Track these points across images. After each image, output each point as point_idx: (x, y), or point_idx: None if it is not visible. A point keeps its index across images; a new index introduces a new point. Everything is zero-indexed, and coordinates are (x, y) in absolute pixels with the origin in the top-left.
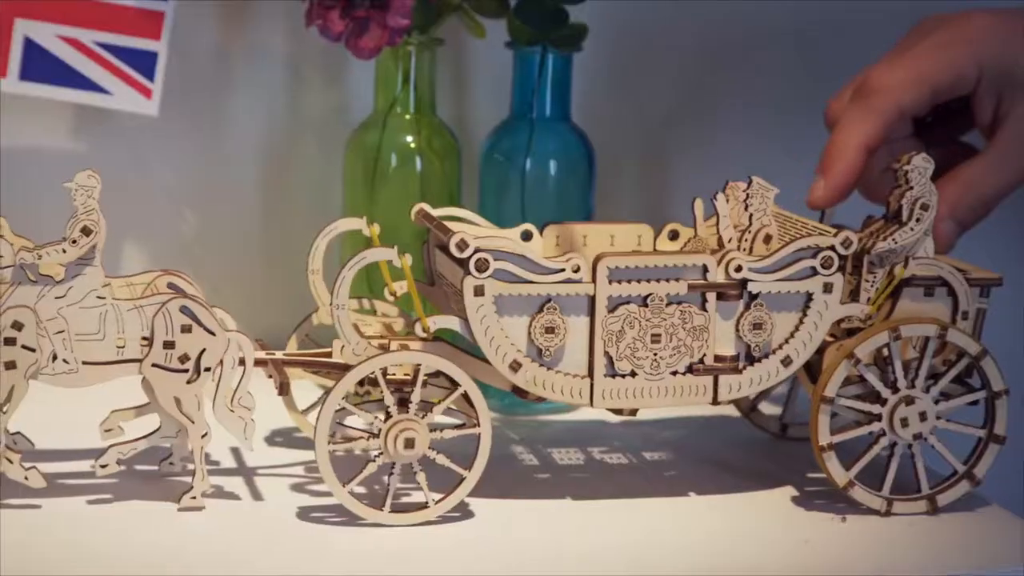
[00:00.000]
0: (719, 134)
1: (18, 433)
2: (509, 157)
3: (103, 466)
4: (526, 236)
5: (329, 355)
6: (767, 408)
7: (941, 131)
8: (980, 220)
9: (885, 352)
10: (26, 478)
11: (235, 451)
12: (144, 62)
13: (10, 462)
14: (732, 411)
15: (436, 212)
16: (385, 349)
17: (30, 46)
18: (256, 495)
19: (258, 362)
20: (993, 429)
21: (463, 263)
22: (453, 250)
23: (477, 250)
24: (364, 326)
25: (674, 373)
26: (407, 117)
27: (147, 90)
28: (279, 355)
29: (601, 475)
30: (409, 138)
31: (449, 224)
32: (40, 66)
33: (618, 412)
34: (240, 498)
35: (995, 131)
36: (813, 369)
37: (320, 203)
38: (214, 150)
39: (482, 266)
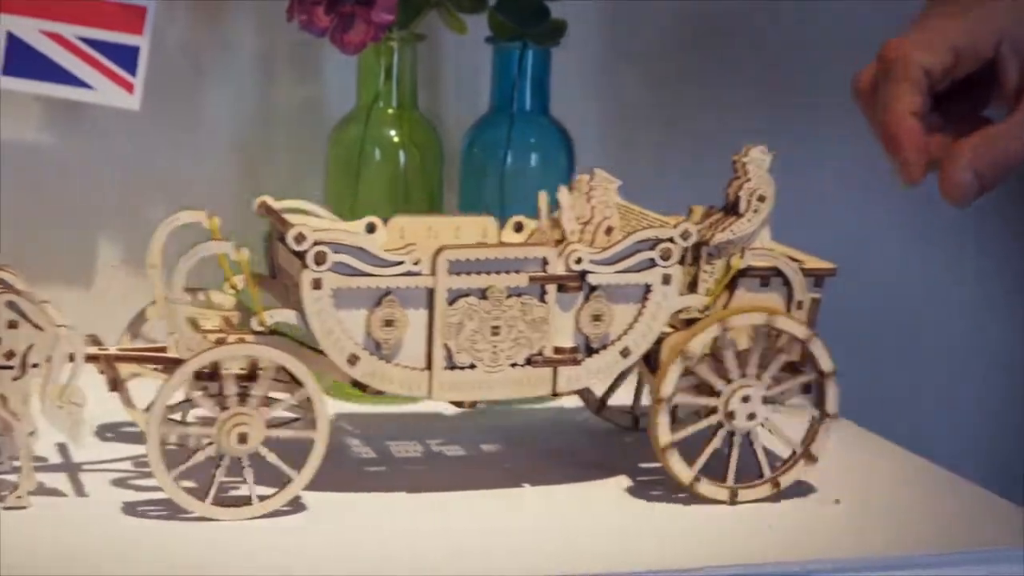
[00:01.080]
0: (698, 128)
1: None
2: (489, 150)
3: None
4: (371, 228)
5: (164, 350)
6: (616, 401)
7: (963, 106)
8: (1000, 180)
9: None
10: None
11: (63, 448)
12: (126, 57)
13: None
14: (578, 401)
15: (277, 204)
16: (221, 343)
17: (12, 41)
18: (81, 492)
19: (90, 358)
20: (824, 408)
21: (301, 256)
22: (290, 243)
23: (315, 243)
24: (203, 320)
25: (513, 365)
26: (389, 112)
27: (129, 85)
28: (111, 350)
29: (437, 468)
30: (392, 132)
31: (291, 217)
32: (22, 61)
33: (458, 404)
34: (66, 495)
35: (1022, 94)
36: (652, 360)
37: (297, 197)
38: (188, 145)
39: (320, 259)
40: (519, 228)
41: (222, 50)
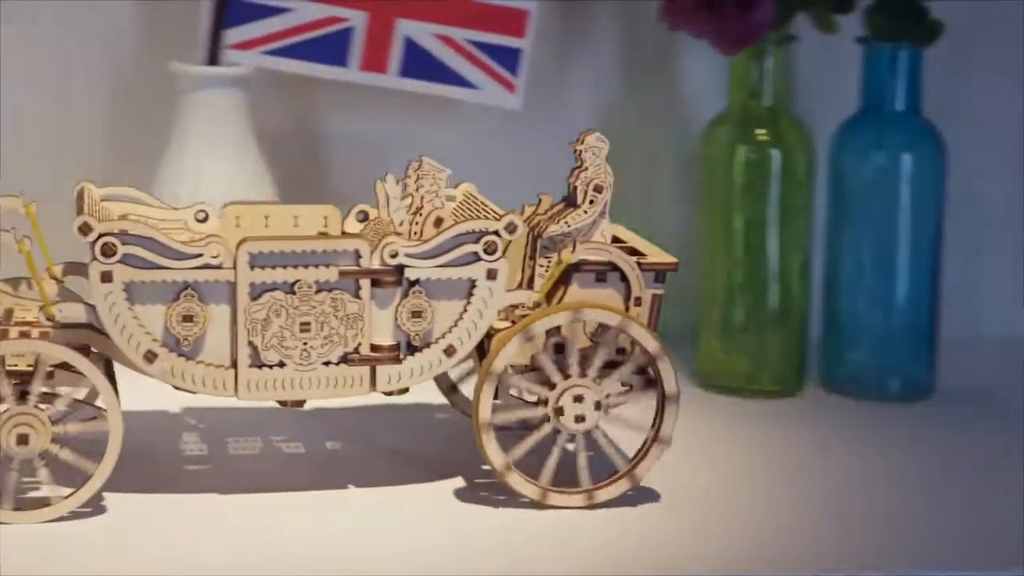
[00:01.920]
0: None
1: None
2: (858, 151)
3: None
4: (202, 218)
5: None
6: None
7: None
8: None
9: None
10: None
11: None
12: (510, 58)
13: None
14: (434, 398)
15: (101, 191)
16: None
17: (409, 45)
18: None
19: None
20: (660, 430)
21: (90, 248)
22: (76, 234)
23: (102, 234)
24: (21, 310)
25: (327, 363)
26: (762, 112)
27: (512, 85)
28: None
29: (270, 466)
30: (764, 132)
31: (109, 206)
32: (417, 63)
33: (282, 404)
34: None
35: None
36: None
37: (649, 193)
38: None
39: (108, 251)
40: (364, 218)
41: (587, 50)
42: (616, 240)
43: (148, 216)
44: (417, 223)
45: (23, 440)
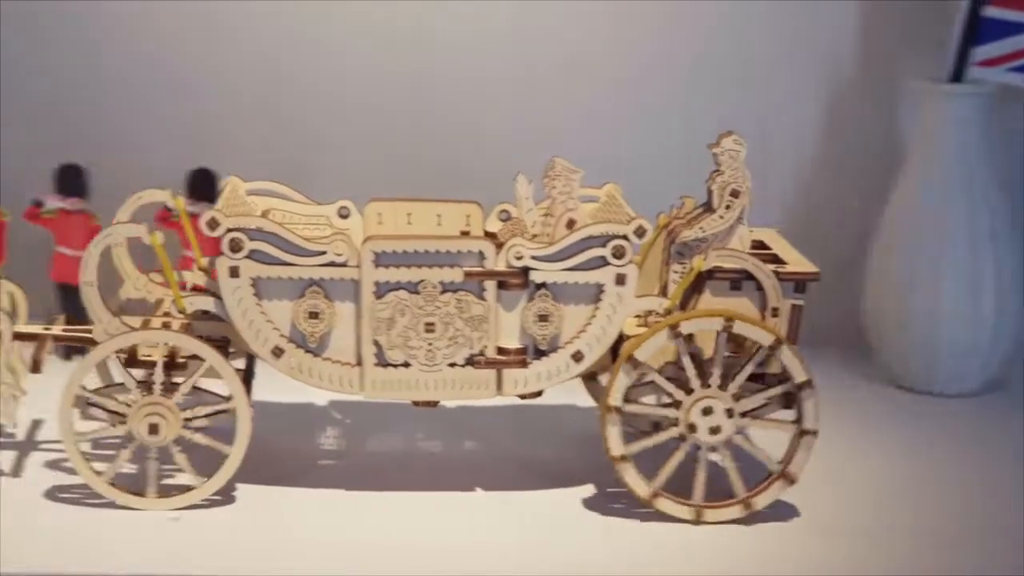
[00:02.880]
0: None
1: None
2: None
3: None
4: (344, 214)
5: (91, 331)
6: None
7: None
8: None
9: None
10: None
11: (35, 423)
12: None
13: None
14: (577, 400)
15: (247, 186)
16: (145, 327)
17: None
18: (18, 472)
19: (21, 336)
20: (803, 424)
21: (218, 243)
22: (203, 229)
23: (230, 229)
24: (170, 301)
25: (452, 365)
26: None
27: None
28: (38, 330)
29: (403, 464)
30: None
31: (257, 199)
32: None
33: (416, 403)
34: (3, 473)
35: None
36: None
37: None
38: None
39: (236, 246)
40: (507, 217)
41: None
42: (760, 246)
43: (291, 211)
44: (550, 225)
45: (154, 430)
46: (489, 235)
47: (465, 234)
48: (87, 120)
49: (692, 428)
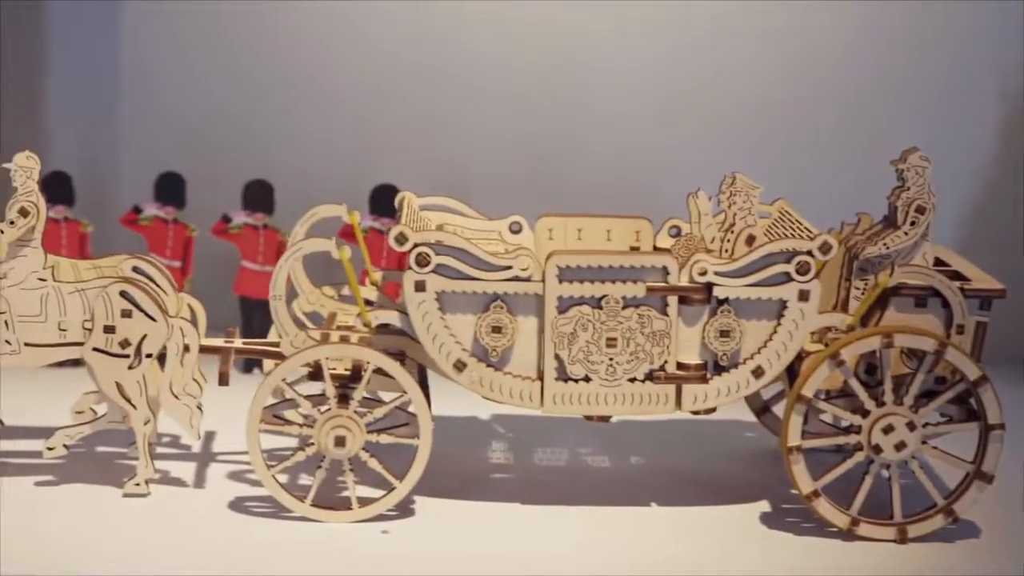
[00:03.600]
0: None
1: None
2: None
3: (50, 448)
4: (516, 229)
5: (276, 345)
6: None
7: None
8: None
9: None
10: None
11: (208, 435)
12: None
13: None
14: (740, 416)
15: (421, 201)
16: (343, 341)
17: None
18: (198, 482)
19: (207, 349)
20: (982, 465)
21: (405, 257)
22: (392, 243)
23: (417, 244)
24: (344, 315)
25: (632, 380)
26: None
27: None
28: (235, 344)
29: (574, 479)
30: None
31: (431, 214)
32: None
33: (588, 418)
34: (187, 484)
35: None
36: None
37: None
38: None
39: (422, 261)
40: (677, 233)
41: None
42: (939, 263)
43: (464, 226)
44: (728, 240)
45: (340, 442)
46: (660, 250)
47: (635, 249)
48: (264, 139)
49: (877, 449)
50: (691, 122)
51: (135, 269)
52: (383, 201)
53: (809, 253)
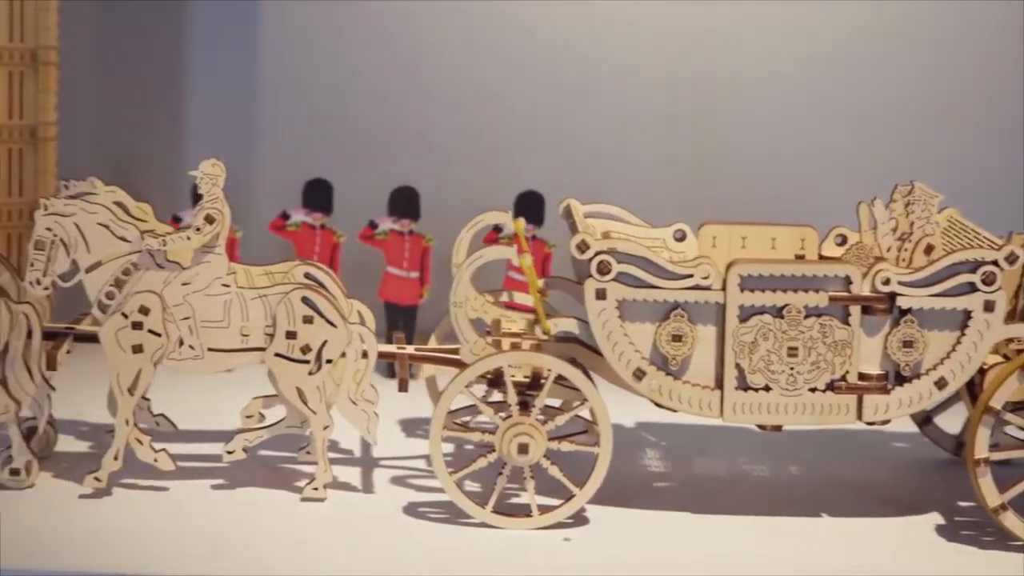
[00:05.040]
0: None
1: (161, 415)
2: None
3: (229, 452)
4: (679, 236)
5: (455, 352)
6: (943, 422)
7: None
8: None
9: None
10: (155, 460)
11: (358, 443)
12: None
13: (140, 443)
14: (898, 427)
15: (585, 208)
16: (514, 348)
17: None
18: (372, 488)
19: (383, 355)
20: None
21: (586, 265)
22: (573, 251)
23: (599, 252)
24: (508, 322)
25: (813, 390)
26: None
27: None
28: (406, 350)
29: (737, 487)
30: None
31: (592, 222)
32: None
33: (761, 427)
34: (358, 489)
35: None
36: (976, 391)
37: None
38: None
39: (604, 269)
40: (842, 241)
41: None
42: None
43: (629, 234)
44: (906, 249)
45: (523, 450)
46: (840, 260)
47: (800, 258)
48: (408, 144)
49: None
50: (839, 128)
51: (306, 275)
52: (530, 208)
53: (995, 263)
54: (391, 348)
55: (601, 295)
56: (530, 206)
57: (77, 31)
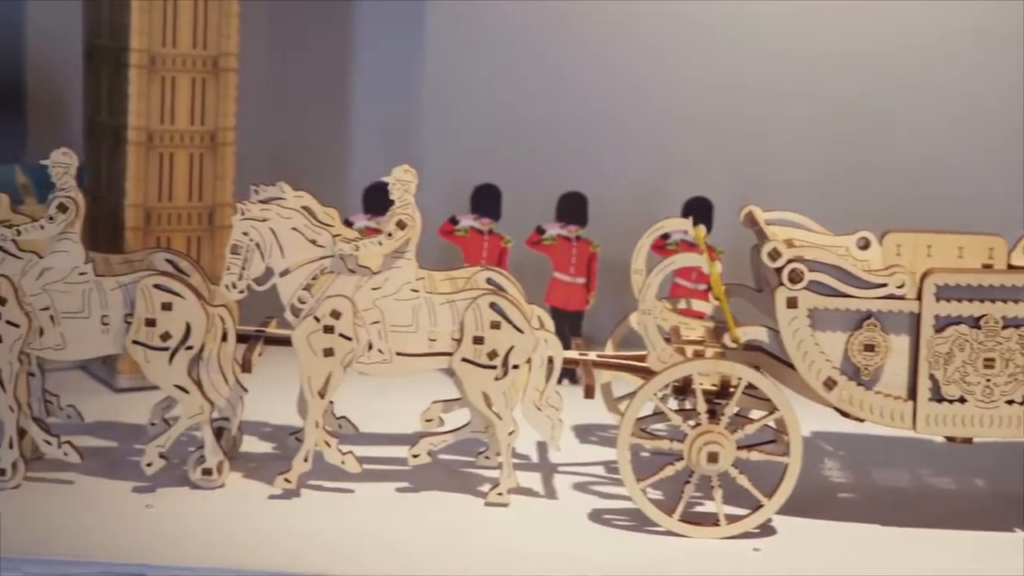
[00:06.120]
0: None
1: (344, 418)
2: None
3: (415, 456)
4: (863, 244)
5: (641, 359)
6: None
7: None
8: None
9: None
10: (343, 463)
11: (541, 446)
12: None
13: (328, 446)
14: None
15: (764, 215)
16: (699, 356)
17: None
18: (553, 494)
19: (568, 362)
20: None
21: (777, 273)
22: (765, 259)
23: (791, 260)
24: (687, 330)
25: (1010, 402)
26: None
27: None
28: (590, 357)
29: (921, 499)
30: None
31: (776, 229)
32: None
33: (950, 439)
34: (540, 495)
35: None
36: None
37: None
38: None
39: (796, 277)
40: None
41: None
42: None
43: (811, 242)
44: None
45: (712, 458)
46: (1016, 269)
47: (988, 267)
48: (573, 148)
49: None
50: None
51: (488, 280)
52: (700, 214)
53: None
54: (574, 354)
55: (792, 304)
56: (698, 212)
57: (251, 36)
